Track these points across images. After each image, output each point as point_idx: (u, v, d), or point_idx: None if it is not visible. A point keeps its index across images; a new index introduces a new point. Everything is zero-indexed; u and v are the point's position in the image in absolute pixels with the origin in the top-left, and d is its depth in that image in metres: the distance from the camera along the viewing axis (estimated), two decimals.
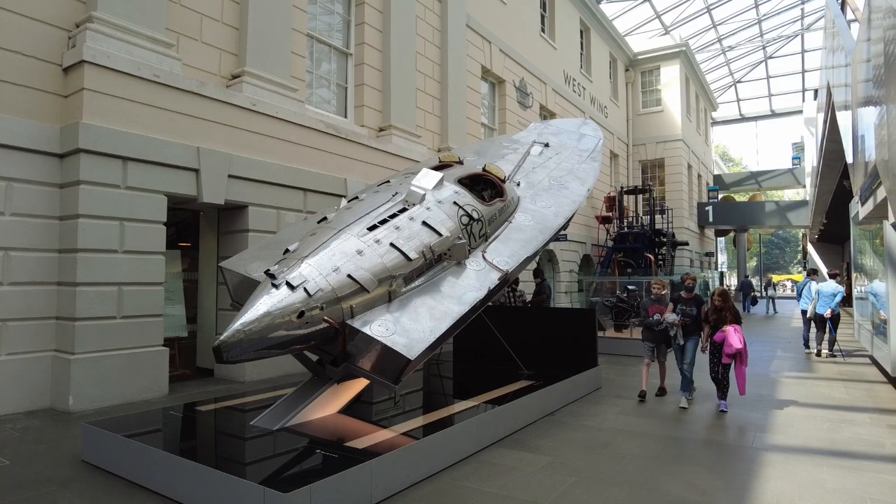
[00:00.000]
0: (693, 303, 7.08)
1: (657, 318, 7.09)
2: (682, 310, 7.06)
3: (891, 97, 4.78)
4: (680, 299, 7.17)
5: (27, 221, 6.35)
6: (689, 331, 7.05)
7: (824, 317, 11.09)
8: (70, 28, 6.72)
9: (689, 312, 7.04)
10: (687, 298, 7.14)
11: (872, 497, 4.02)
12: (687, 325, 7.01)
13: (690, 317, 7.03)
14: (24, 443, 5.12)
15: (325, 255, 4.69)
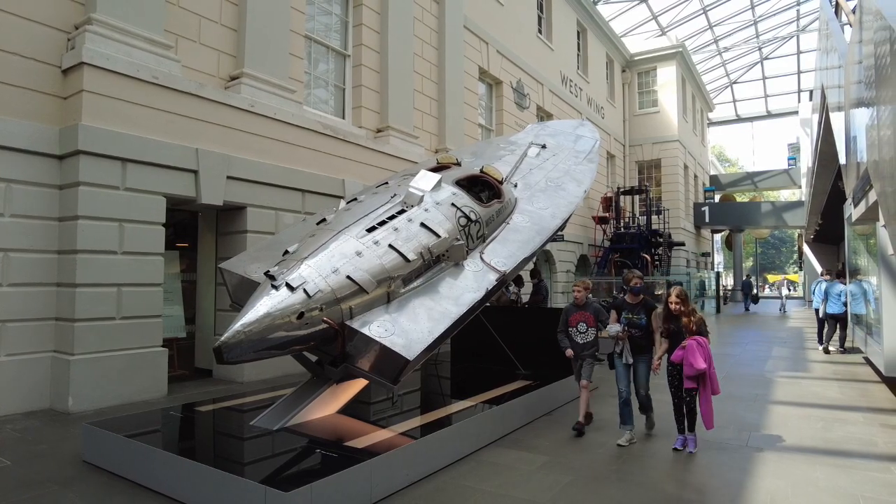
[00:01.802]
0: (641, 308, 5.46)
1: (608, 332, 5.51)
2: (626, 318, 5.44)
3: (880, 99, 4.85)
4: (624, 304, 5.56)
5: (26, 223, 6.37)
6: (639, 347, 5.44)
7: (835, 315, 11.70)
8: (69, 30, 6.75)
9: (636, 322, 5.39)
10: (633, 303, 5.50)
11: (864, 495, 4.08)
12: (636, 339, 5.42)
13: (639, 327, 5.38)
14: (25, 443, 5.15)
15: (325, 256, 4.73)
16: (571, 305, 5.94)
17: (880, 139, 4.96)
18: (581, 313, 5.79)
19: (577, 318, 5.80)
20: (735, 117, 43.78)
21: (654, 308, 5.45)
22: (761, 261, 65.92)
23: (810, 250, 29.96)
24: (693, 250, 31.00)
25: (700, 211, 31.50)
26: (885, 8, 4.30)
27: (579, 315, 5.80)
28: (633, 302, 5.52)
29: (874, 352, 9.11)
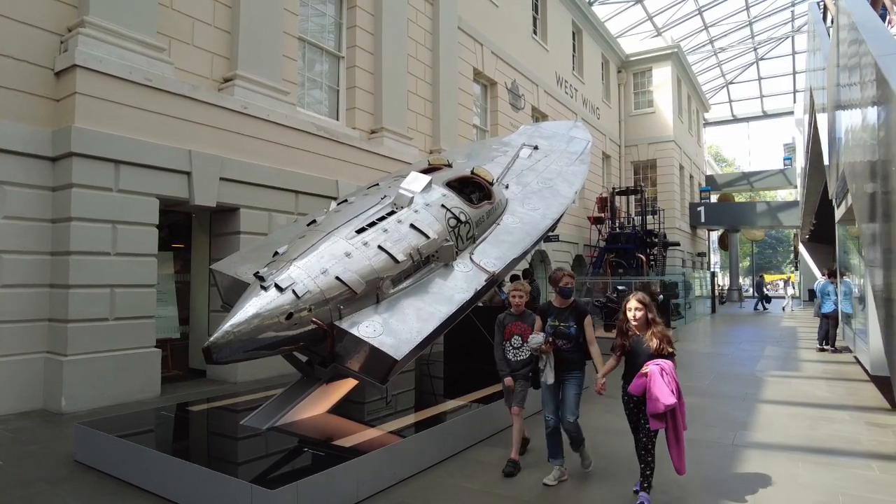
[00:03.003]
0: (571, 314, 4.38)
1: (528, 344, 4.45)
2: (552, 327, 4.36)
3: (852, 102, 4.92)
4: (551, 309, 4.50)
5: (20, 224, 6.41)
6: (567, 362, 4.32)
7: (828, 315, 11.91)
8: (62, 32, 6.79)
9: (563, 331, 4.32)
10: (561, 308, 4.43)
11: (843, 491, 4.15)
12: (563, 353, 4.32)
13: (567, 337, 4.31)
14: (17, 443, 5.19)
15: (314, 257, 4.78)
16: (508, 314, 4.83)
17: (853, 141, 5.03)
18: (517, 324, 4.72)
19: (512, 330, 4.71)
20: (731, 117, 43.91)
21: (585, 314, 4.42)
22: (758, 261, 66.12)
23: (806, 250, 30.08)
24: (689, 250, 31.11)
25: (696, 211, 31.62)
26: (853, 10, 4.37)
27: (515, 326, 4.71)
28: (562, 306, 4.44)
29: (861, 350, 9.20)
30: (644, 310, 3.91)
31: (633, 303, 3.96)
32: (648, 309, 3.92)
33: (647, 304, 3.93)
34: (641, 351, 3.88)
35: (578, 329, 4.35)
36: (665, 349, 3.83)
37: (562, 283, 4.49)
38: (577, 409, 4.34)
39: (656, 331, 3.87)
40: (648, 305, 3.93)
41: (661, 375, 3.68)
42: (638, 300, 3.95)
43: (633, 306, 3.94)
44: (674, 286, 19.90)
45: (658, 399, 3.62)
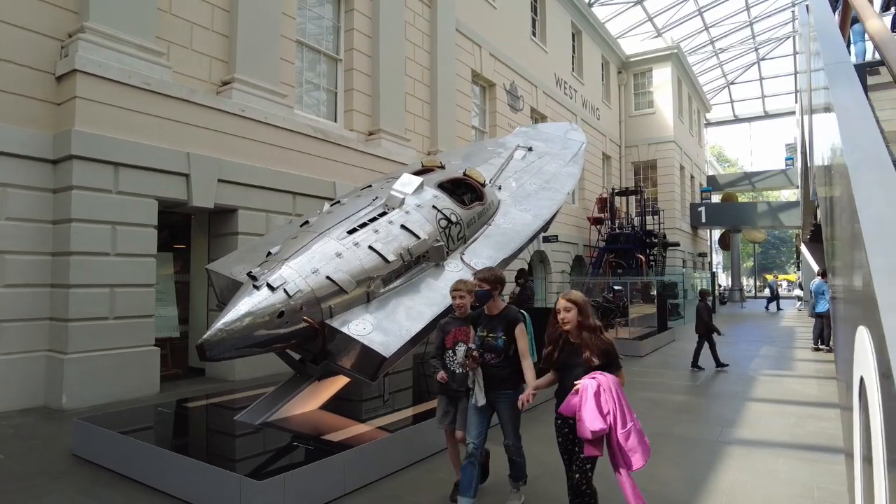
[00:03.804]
0: (500, 324, 3.71)
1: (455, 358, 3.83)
2: (479, 338, 3.72)
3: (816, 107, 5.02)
4: (481, 317, 3.82)
5: (22, 225, 6.57)
6: (496, 379, 3.66)
7: (821, 314, 11.98)
8: (63, 38, 6.94)
9: (491, 342, 3.67)
10: (491, 316, 3.78)
11: (820, 485, 4.25)
12: (491, 368, 3.65)
13: (494, 350, 3.65)
14: (19, 438, 5.34)
15: (306, 257, 4.92)
16: (451, 318, 4.04)
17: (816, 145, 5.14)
18: (462, 329, 3.89)
19: (456, 337, 3.89)
20: (733, 118, 43.90)
21: (517, 322, 3.70)
22: (762, 261, 66.01)
23: (807, 250, 30.09)
24: (689, 250, 31.15)
25: (696, 211, 31.65)
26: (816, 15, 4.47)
27: (460, 332, 3.89)
28: (492, 314, 3.76)
29: None
30: (575, 311, 3.18)
31: (562, 302, 3.22)
32: (582, 311, 3.18)
33: (579, 305, 3.19)
34: (575, 363, 3.16)
35: (509, 340, 3.66)
36: (592, 360, 3.09)
37: (478, 287, 3.81)
38: (516, 430, 3.76)
39: (591, 338, 3.13)
40: (582, 306, 3.19)
41: (597, 394, 2.92)
42: (568, 299, 3.22)
43: (561, 306, 3.21)
44: (673, 286, 20.00)
45: (583, 421, 2.90)
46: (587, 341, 3.14)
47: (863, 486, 2.14)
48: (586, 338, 3.15)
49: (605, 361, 3.11)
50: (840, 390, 5.32)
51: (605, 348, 3.13)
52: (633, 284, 16.77)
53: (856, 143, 2.24)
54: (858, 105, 2.64)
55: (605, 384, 2.98)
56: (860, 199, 1.88)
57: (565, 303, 3.22)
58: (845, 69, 3.13)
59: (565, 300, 3.23)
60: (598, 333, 3.16)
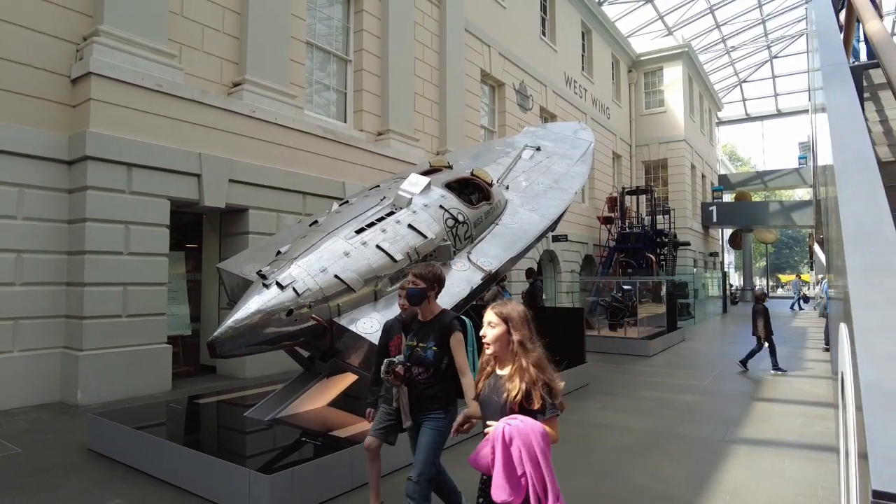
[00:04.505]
0: (433, 331, 3.14)
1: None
2: (408, 347, 3.19)
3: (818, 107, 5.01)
4: (414, 323, 3.26)
5: (38, 225, 6.71)
6: (422, 399, 3.15)
7: None
8: (78, 41, 7.08)
9: (419, 354, 3.12)
10: (423, 322, 3.21)
11: (824, 485, 4.26)
12: (417, 386, 3.12)
13: (423, 364, 3.10)
14: (35, 433, 5.47)
15: (314, 256, 4.99)
16: (395, 319, 3.65)
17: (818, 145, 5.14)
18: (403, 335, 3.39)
19: (398, 343, 3.44)
20: (745, 116, 43.53)
21: (451, 331, 3.08)
22: (775, 260, 65.40)
23: (820, 250, 29.81)
24: (701, 250, 30.96)
25: (708, 211, 31.45)
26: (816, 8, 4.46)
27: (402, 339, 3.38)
28: (424, 319, 3.18)
29: None
30: (503, 328, 2.32)
31: (489, 315, 2.38)
32: (515, 329, 2.30)
33: (512, 321, 2.32)
34: (491, 402, 2.32)
35: (441, 352, 3.05)
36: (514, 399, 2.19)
37: (410, 284, 3.17)
38: (428, 465, 3.07)
39: (523, 366, 2.24)
40: (517, 323, 2.31)
41: (507, 446, 2.08)
42: (498, 312, 2.35)
43: (487, 320, 2.37)
44: (683, 286, 19.93)
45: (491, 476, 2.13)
46: (515, 372, 2.24)
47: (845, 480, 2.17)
48: (516, 368, 2.25)
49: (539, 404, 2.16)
50: (833, 388, 5.32)
51: (528, 389, 2.18)
52: (644, 284, 16.73)
53: (843, 144, 2.26)
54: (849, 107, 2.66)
55: (522, 435, 2.06)
56: (843, 200, 1.91)
57: (493, 316, 2.34)
58: (840, 71, 3.15)
59: (494, 312, 2.35)
60: (533, 362, 2.24)
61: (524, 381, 2.21)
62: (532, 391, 2.19)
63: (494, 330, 2.33)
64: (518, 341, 2.29)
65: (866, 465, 1.37)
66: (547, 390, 2.20)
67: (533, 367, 2.23)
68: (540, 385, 2.19)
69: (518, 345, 2.28)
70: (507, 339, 2.32)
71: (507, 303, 2.42)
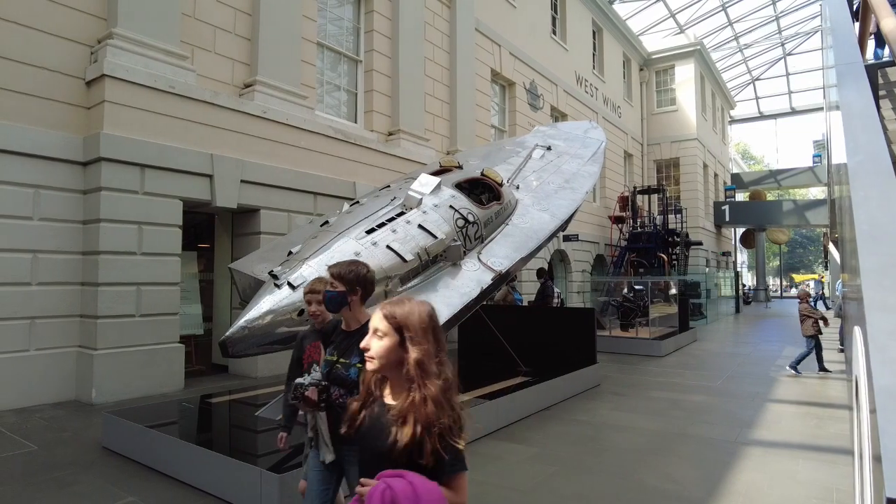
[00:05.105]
0: (357, 343, 2.06)
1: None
2: (327, 363, 2.59)
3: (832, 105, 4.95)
4: (338, 334, 2.68)
5: (53, 226, 6.80)
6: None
7: None
8: (92, 44, 7.17)
9: (339, 373, 2.52)
10: (348, 332, 2.61)
11: (839, 487, 4.21)
12: (339, 409, 2.34)
13: (344, 384, 2.49)
14: (51, 430, 5.54)
15: (325, 256, 5.01)
16: (310, 330, 3.15)
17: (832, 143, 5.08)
18: (317, 345, 2.96)
19: (312, 355, 2.98)
20: (758, 114, 43.11)
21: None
22: (788, 260, 64.71)
23: (835, 250, 29.45)
24: (713, 249, 30.71)
25: (720, 210, 31.19)
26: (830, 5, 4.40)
27: (314, 348, 2.98)
28: (349, 329, 2.62)
29: None
30: (395, 339, 1.63)
31: (375, 319, 1.66)
32: (411, 340, 1.61)
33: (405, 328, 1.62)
34: (370, 444, 1.64)
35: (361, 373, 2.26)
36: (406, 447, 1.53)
37: (331, 286, 2.61)
38: None
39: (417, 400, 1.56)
40: (413, 330, 1.62)
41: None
42: (386, 315, 1.65)
43: (373, 325, 1.66)
44: (695, 286, 19.79)
45: None
46: (409, 408, 1.54)
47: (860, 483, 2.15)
48: (409, 401, 1.55)
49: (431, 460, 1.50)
50: (848, 391, 5.26)
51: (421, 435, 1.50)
52: (655, 284, 16.63)
53: (857, 143, 2.23)
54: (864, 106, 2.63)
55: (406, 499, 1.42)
56: (856, 200, 1.89)
57: (380, 320, 1.63)
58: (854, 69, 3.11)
59: (384, 315, 1.64)
60: (433, 394, 1.54)
61: (419, 422, 1.50)
62: (426, 440, 1.49)
63: (382, 341, 1.61)
64: (416, 361, 1.56)
65: (880, 468, 1.36)
66: (445, 441, 1.49)
67: (432, 403, 1.51)
68: (436, 431, 1.49)
69: (415, 366, 1.56)
70: (399, 354, 1.60)
71: (405, 301, 1.66)
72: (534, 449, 5.08)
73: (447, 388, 1.58)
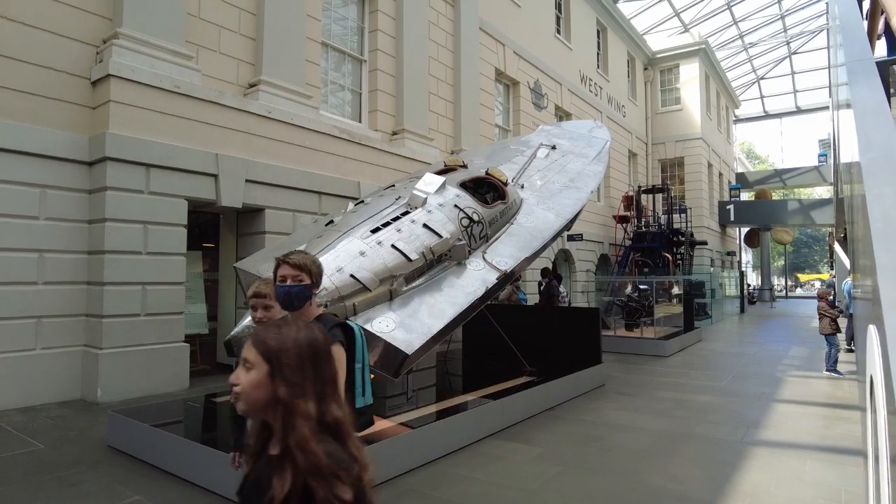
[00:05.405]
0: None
1: None
2: None
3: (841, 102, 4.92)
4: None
5: (59, 225, 6.82)
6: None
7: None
8: (98, 44, 7.18)
9: None
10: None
11: (847, 488, 4.18)
12: None
13: None
14: (57, 429, 5.56)
15: (330, 256, 5.01)
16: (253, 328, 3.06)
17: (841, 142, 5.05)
18: None
19: None
20: (763, 113, 42.95)
21: (331, 344, 1.60)
22: (793, 259, 64.45)
23: (840, 249, 29.31)
24: (718, 249, 30.62)
25: (725, 209, 31.09)
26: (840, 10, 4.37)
27: None
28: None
29: None
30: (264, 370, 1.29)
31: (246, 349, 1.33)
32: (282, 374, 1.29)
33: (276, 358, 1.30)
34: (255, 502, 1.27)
35: None
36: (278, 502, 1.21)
37: (277, 281, 2.40)
38: None
39: (290, 446, 1.24)
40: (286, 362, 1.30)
41: None
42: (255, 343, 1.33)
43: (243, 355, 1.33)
44: (700, 286, 19.73)
45: None
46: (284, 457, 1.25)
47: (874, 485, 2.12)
48: (282, 449, 1.26)
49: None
50: (860, 392, 5.23)
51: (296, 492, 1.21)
52: (660, 284, 16.58)
53: (871, 141, 2.21)
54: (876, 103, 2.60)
55: None
56: (871, 198, 1.87)
57: (250, 350, 1.32)
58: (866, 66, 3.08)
59: (252, 344, 1.33)
60: (296, 442, 1.24)
61: (294, 474, 1.22)
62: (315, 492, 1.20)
63: (249, 375, 1.29)
64: (284, 401, 1.27)
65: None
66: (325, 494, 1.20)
67: (300, 451, 1.22)
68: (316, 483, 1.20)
69: (283, 407, 1.27)
70: (269, 392, 1.28)
71: (283, 326, 1.36)
72: (539, 449, 5.06)
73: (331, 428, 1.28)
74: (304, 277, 2.33)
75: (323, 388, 1.32)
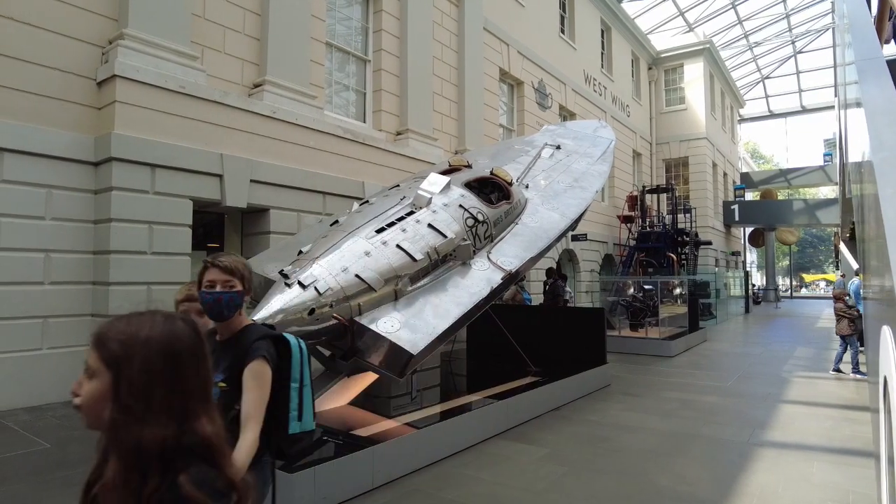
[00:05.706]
0: (226, 356, 2.11)
1: None
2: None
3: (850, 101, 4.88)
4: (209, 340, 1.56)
5: (65, 225, 6.84)
6: None
7: None
8: (103, 45, 7.20)
9: None
10: (222, 342, 2.19)
11: (855, 490, 4.16)
12: None
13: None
14: (63, 429, 5.58)
15: (335, 256, 5.02)
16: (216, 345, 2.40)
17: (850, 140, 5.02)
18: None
19: None
20: (768, 113, 42.78)
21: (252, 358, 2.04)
22: (798, 259, 64.20)
23: (846, 249, 29.18)
24: (723, 249, 30.52)
25: (730, 209, 30.99)
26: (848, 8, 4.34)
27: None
28: (223, 338, 2.20)
29: None
30: (107, 380, 1.04)
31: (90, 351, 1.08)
32: (125, 382, 1.02)
33: (122, 365, 1.03)
34: None
35: (234, 389, 2.03)
36: None
37: (204, 286, 2.15)
38: None
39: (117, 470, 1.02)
40: (131, 367, 1.03)
41: None
42: (94, 341, 1.07)
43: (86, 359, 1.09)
44: (705, 286, 19.68)
45: None
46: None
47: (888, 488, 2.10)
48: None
49: None
50: (871, 392, 5.20)
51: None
52: (665, 284, 16.53)
53: (882, 140, 2.19)
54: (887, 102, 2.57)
55: None
56: (884, 197, 1.85)
57: (90, 350, 1.08)
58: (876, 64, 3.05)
59: (93, 342, 1.08)
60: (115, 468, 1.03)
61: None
62: None
63: (91, 384, 1.07)
64: (115, 426, 1.03)
65: None
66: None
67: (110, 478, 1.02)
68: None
69: (113, 433, 1.04)
70: (108, 414, 1.04)
71: (134, 318, 1.10)
72: (544, 449, 5.05)
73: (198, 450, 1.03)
74: (236, 283, 2.10)
75: (185, 403, 1.04)
